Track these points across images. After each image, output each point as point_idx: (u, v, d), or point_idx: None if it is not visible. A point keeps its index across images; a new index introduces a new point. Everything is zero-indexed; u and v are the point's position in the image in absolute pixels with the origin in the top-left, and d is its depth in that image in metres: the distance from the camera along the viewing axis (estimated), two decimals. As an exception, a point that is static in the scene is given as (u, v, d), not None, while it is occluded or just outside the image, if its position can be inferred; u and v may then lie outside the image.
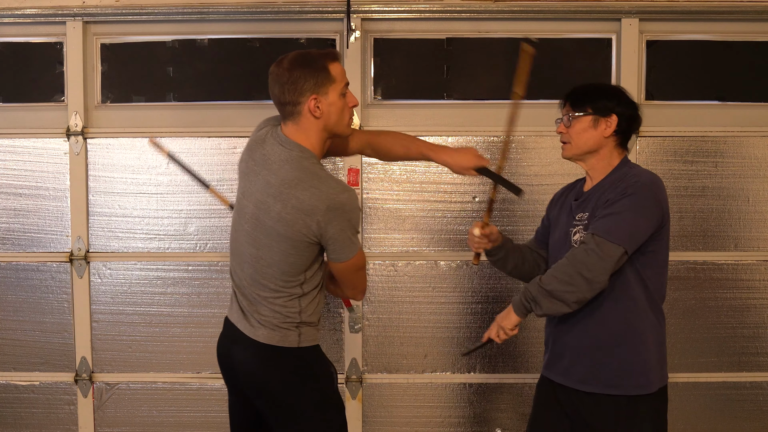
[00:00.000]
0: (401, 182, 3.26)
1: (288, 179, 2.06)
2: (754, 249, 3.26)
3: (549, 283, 2.11)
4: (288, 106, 2.10)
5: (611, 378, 2.17)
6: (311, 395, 2.17)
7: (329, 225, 2.03)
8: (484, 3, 3.18)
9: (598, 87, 2.36)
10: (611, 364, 2.17)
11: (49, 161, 3.28)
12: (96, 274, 3.29)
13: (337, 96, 2.10)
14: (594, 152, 2.28)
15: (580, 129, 2.26)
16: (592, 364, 2.20)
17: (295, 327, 2.15)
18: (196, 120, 3.28)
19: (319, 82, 2.07)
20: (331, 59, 2.11)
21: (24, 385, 3.33)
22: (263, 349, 2.15)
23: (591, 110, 2.25)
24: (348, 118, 2.16)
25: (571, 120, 2.27)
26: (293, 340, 2.15)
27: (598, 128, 2.26)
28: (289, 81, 2.07)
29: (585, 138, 2.26)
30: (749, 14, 3.19)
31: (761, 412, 3.29)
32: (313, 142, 2.12)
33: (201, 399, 3.30)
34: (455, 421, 3.30)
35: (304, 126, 2.11)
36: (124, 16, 3.21)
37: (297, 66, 2.08)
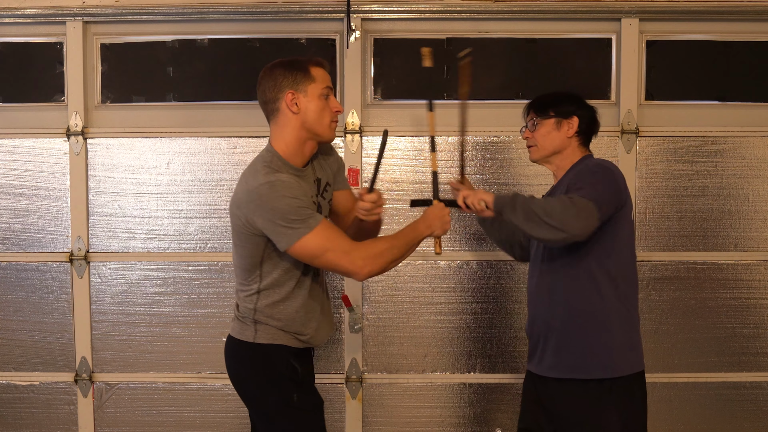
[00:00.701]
0: (401, 182, 3.26)
1: (241, 178, 2.21)
2: (754, 249, 3.26)
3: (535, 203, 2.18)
4: (269, 104, 2.20)
5: (575, 361, 2.27)
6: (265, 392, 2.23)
7: (255, 216, 2.11)
8: (484, 3, 3.18)
9: (558, 94, 2.51)
10: (574, 348, 2.27)
11: (49, 161, 3.28)
12: (96, 274, 3.29)
13: (317, 95, 2.19)
14: (558, 153, 2.44)
15: (545, 132, 2.44)
16: (557, 350, 2.30)
17: (252, 322, 2.24)
18: (196, 120, 3.28)
19: (297, 79, 2.17)
20: (315, 64, 2.22)
21: (24, 385, 3.33)
22: (229, 339, 2.32)
23: (553, 113, 2.43)
24: (329, 121, 2.22)
25: (536, 125, 2.44)
26: (249, 335, 2.24)
27: (561, 130, 2.43)
28: (269, 79, 2.20)
29: (549, 140, 2.44)
30: (749, 14, 3.19)
31: (761, 412, 3.29)
32: (288, 139, 2.20)
33: (201, 399, 3.30)
34: (455, 421, 3.30)
35: (281, 122, 2.20)
36: (124, 16, 3.21)
37: (279, 66, 2.21)
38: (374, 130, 3.25)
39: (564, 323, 2.30)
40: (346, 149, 3.23)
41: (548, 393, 2.35)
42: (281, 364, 2.23)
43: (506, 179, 3.24)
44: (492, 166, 3.25)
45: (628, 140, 3.21)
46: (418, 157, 3.26)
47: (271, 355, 2.22)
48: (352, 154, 3.22)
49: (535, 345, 2.42)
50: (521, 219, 2.17)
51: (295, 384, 2.24)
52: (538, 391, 2.40)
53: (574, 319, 2.28)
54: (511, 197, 2.21)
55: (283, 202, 2.07)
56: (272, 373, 2.22)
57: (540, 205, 2.16)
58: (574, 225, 2.12)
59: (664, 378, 3.27)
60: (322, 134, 2.22)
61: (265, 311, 2.22)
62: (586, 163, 2.40)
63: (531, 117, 2.48)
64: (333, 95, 2.25)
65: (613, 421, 2.24)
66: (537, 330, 2.39)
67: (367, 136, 3.25)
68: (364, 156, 3.24)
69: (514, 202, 2.19)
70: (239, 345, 2.27)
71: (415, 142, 3.26)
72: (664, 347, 3.26)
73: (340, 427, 3.30)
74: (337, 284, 3.27)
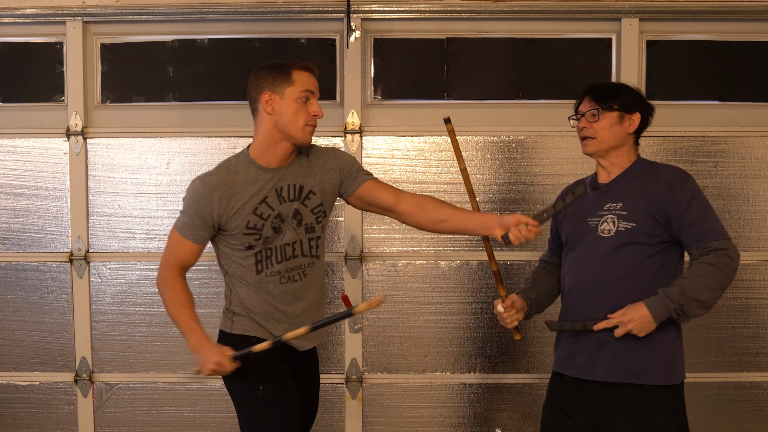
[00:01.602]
0: (401, 182, 3.26)
1: None
2: (754, 249, 3.26)
3: (702, 293, 2.13)
4: (251, 104, 2.28)
5: (636, 368, 2.19)
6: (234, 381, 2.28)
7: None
8: (484, 3, 3.18)
9: (621, 85, 2.41)
10: (639, 354, 2.19)
11: (49, 161, 3.28)
12: (96, 274, 3.29)
13: (294, 99, 2.21)
14: (617, 148, 2.31)
15: (607, 124, 2.30)
16: (619, 355, 2.20)
17: (230, 314, 2.35)
18: (196, 120, 3.28)
19: (276, 81, 2.21)
20: (300, 68, 2.24)
21: (24, 385, 3.33)
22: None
23: (617, 106, 2.29)
24: (303, 124, 2.23)
25: (599, 115, 2.29)
26: (227, 326, 2.35)
27: (623, 124, 2.31)
28: (253, 79, 2.26)
29: (611, 133, 2.30)
30: (749, 14, 3.19)
31: (761, 412, 3.29)
32: (261, 138, 2.27)
33: (201, 399, 3.31)
34: (455, 421, 3.30)
35: (258, 122, 2.27)
36: (124, 16, 3.21)
37: (263, 68, 2.26)
38: (374, 130, 3.25)
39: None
40: (346, 149, 3.23)
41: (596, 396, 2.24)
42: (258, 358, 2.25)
43: (506, 179, 3.24)
44: (492, 166, 3.25)
45: (628, 140, 3.21)
46: (418, 157, 3.26)
47: (241, 345, 2.25)
48: (352, 153, 3.22)
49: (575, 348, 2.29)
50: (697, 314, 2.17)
51: (262, 376, 2.26)
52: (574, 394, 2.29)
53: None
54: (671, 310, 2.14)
55: (186, 199, 2.25)
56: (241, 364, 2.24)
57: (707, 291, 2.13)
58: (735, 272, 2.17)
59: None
60: (294, 136, 2.23)
61: (237, 302, 2.32)
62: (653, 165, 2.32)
63: (592, 106, 2.31)
64: (315, 100, 2.25)
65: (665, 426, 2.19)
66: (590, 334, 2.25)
67: (367, 136, 3.25)
68: (364, 156, 3.24)
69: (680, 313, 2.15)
70: (220, 335, 2.37)
71: (415, 142, 3.26)
72: (664, 347, 3.26)
73: (340, 427, 3.30)
74: (337, 284, 3.27)
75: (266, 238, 2.24)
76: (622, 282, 2.22)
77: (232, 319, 2.33)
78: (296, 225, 2.28)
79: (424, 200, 2.37)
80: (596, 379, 2.23)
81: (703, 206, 2.21)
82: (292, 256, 2.28)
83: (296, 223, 2.28)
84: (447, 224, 2.32)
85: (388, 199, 2.36)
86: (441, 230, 2.37)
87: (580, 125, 2.34)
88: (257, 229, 2.23)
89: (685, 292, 2.12)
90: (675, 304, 2.13)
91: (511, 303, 2.34)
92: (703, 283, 2.13)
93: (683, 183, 2.22)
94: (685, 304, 2.13)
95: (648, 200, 2.22)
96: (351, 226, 3.23)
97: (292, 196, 2.28)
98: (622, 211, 2.24)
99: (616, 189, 2.30)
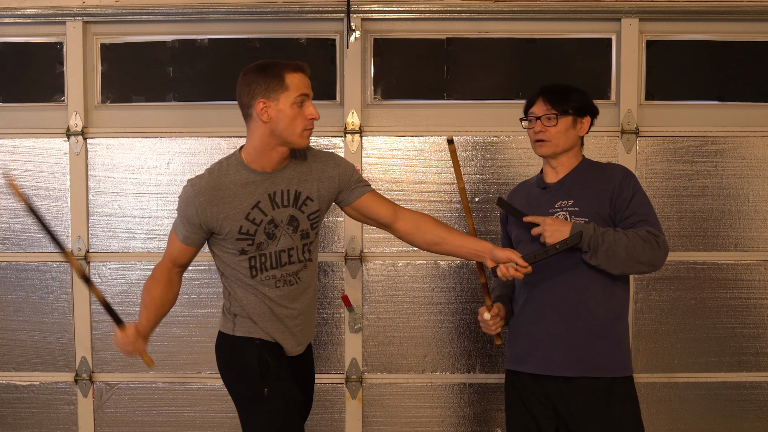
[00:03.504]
0: (401, 182, 3.26)
1: None
2: (754, 249, 3.26)
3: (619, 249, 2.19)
4: (243, 109, 2.22)
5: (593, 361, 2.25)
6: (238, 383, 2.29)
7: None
8: (484, 3, 3.18)
9: (572, 88, 2.43)
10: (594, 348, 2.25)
11: (49, 161, 3.28)
12: (96, 274, 3.29)
13: (289, 104, 2.16)
14: (568, 150, 2.39)
15: (563, 128, 2.36)
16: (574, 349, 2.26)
17: (231, 315, 2.32)
18: (196, 120, 3.28)
19: (270, 87, 2.15)
20: (292, 69, 2.18)
21: (24, 385, 3.33)
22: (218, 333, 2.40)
23: (572, 111, 2.36)
24: (301, 129, 2.19)
25: (558, 119, 2.35)
26: (229, 327, 2.33)
27: (576, 128, 2.38)
28: (244, 83, 2.19)
29: (566, 137, 2.37)
30: (749, 14, 3.19)
31: (761, 412, 3.29)
32: (255, 144, 2.21)
33: (201, 399, 3.31)
34: (455, 421, 3.30)
35: (252, 128, 2.21)
36: (124, 16, 3.21)
37: (254, 71, 2.19)
38: (374, 130, 3.25)
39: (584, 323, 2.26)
40: (346, 149, 3.23)
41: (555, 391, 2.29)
42: (253, 357, 2.26)
43: (506, 179, 3.24)
44: (492, 166, 3.25)
45: (628, 140, 3.21)
46: (418, 157, 3.26)
47: (244, 347, 2.26)
48: (352, 154, 3.22)
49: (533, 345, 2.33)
50: (603, 262, 2.20)
51: (265, 378, 2.25)
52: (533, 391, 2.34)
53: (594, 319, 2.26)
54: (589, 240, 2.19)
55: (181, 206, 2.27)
56: (245, 365, 2.27)
57: (625, 250, 2.18)
58: (657, 265, 2.24)
59: (664, 378, 3.27)
60: (293, 142, 2.20)
61: (236, 304, 2.31)
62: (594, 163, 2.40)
63: (547, 110, 2.35)
64: (310, 102, 2.20)
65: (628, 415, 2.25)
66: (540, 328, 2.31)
67: (367, 136, 3.25)
68: (364, 156, 3.24)
69: (595, 248, 2.19)
70: (221, 337, 2.36)
71: (415, 142, 3.26)
72: (664, 347, 3.26)
73: (340, 427, 3.30)
74: (337, 284, 3.27)
75: (259, 243, 2.23)
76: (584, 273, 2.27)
77: (234, 321, 2.32)
78: (292, 231, 2.25)
79: (422, 220, 2.37)
80: (554, 374, 2.28)
81: (644, 202, 2.30)
82: (288, 263, 2.27)
83: (292, 230, 2.25)
84: (441, 247, 2.35)
85: (386, 214, 2.36)
86: (435, 251, 2.40)
87: (536, 128, 2.38)
88: (250, 234, 2.22)
89: (609, 238, 2.19)
90: (593, 242, 2.19)
91: (497, 311, 2.40)
92: (626, 243, 2.19)
93: (628, 180, 2.32)
94: (602, 244, 2.19)
95: (597, 196, 2.30)
96: (351, 226, 3.23)
97: (286, 202, 2.25)
98: (573, 208, 2.30)
99: (566, 187, 2.36)
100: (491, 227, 3.24)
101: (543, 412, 2.32)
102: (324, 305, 3.27)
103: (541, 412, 2.33)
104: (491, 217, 3.25)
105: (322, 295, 3.26)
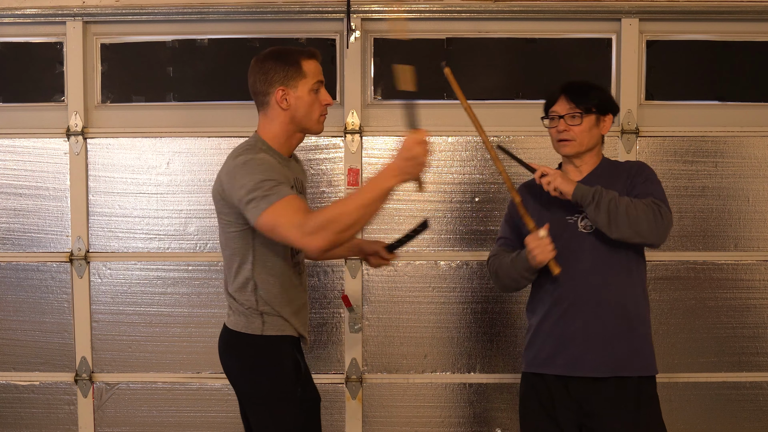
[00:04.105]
0: (401, 182, 3.25)
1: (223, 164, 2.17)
2: (754, 249, 3.26)
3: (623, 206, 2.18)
4: (259, 96, 2.22)
5: (623, 361, 2.23)
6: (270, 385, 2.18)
7: (232, 194, 2.07)
8: (484, 3, 3.18)
9: (595, 86, 2.40)
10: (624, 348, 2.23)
11: (49, 161, 3.28)
12: (96, 274, 3.29)
13: (307, 91, 2.19)
14: (591, 149, 2.36)
15: (587, 127, 2.33)
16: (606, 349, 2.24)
17: (258, 314, 2.17)
18: (196, 120, 3.28)
19: (288, 75, 2.17)
20: (307, 56, 2.20)
21: (24, 385, 3.33)
22: (229, 333, 2.23)
23: (595, 109, 2.32)
24: (318, 115, 2.23)
25: (582, 118, 2.31)
26: (256, 327, 2.17)
27: (599, 126, 2.34)
28: (260, 71, 2.19)
29: (590, 136, 2.34)
30: (749, 14, 3.19)
31: (761, 412, 3.29)
32: (276, 131, 2.21)
33: (201, 399, 3.31)
34: (455, 421, 3.30)
35: (271, 116, 2.21)
36: (124, 16, 3.21)
37: (270, 58, 2.19)
38: (374, 130, 3.25)
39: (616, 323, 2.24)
40: (346, 149, 3.23)
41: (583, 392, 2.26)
42: (288, 357, 2.20)
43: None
44: (492, 166, 3.25)
45: (628, 140, 3.21)
46: (418, 157, 3.25)
47: (279, 346, 2.19)
48: (352, 154, 3.22)
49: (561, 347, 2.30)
50: (603, 218, 2.18)
51: (298, 378, 2.21)
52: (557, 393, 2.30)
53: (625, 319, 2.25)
54: (594, 192, 2.20)
55: (251, 179, 2.01)
56: (277, 366, 2.18)
57: (626, 208, 2.17)
58: (659, 236, 2.21)
59: (664, 378, 3.26)
60: (311, 128, 2.24)
61: (263, 301, 2.17)
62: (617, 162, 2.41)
63: (571, 108, 2.31)
64: (324, 88, 2.24)
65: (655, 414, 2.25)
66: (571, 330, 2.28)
67: (367, 136, 3.24)
68: (364, 156, 3.24)
69: (599, 200, 2.18)
70: (243, 338, 2.19)
71: (415, 142, 3.25)
72: (664, 347, 3.26)
73: (340, 427, 3.30)
74: (337, 284, 3.27)
75: None
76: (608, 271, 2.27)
77: (262, 320, 2.18)
78: None
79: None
80: (587, 375, 2.25)
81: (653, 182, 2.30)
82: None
83: None
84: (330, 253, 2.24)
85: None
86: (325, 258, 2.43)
87: (559, 127, 2.34)
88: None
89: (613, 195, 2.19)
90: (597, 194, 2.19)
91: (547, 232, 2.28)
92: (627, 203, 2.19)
93: (642, 170, 2.33)
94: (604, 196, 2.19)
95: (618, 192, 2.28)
96: (351, 226, 3.23)
97: (300, 190, 2.29)
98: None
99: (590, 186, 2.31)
100: (491, 227, 3.24)
101: (566, 415, 2.29)
102: (324, 305, 3.27)
103: (564, 415, 2.29)
104: (491, 217, 3.25)
105: (322, 295, 3.26)
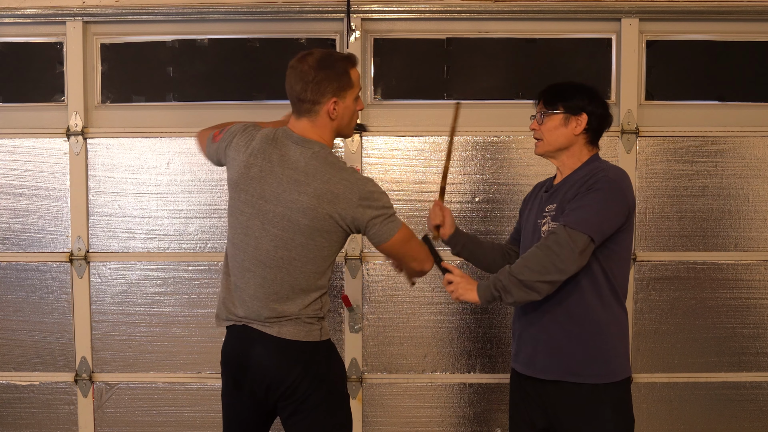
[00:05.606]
0: (401, 182, 3.26)
1: (319, 175, 2.12)
2: (754, 249, 3.26)
3: (521, 272, 2.13)
4: (306, 104, 2.16)
5: (574, 366, 2.23)
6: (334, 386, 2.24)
7: (365, 213, 2.12)
8: (484, 3, 3.18)
9: (571, 85, 2.38)
10: (575, 353, 2.23)
11: (49, 161, 3.28)
12: (96, 274, 3.29)
13: (353, 100, 2.21)
14: (565, 149, 2.34)
15: (552, 127, 2.32)
16: (555, 353, 2.25)
17: (317, 321, 2.21)
18: (196, 120, 3.27)
19: (341, 86, 2.16)
20: (352, 64, 2.21)
21: (24, 385, 3.33)
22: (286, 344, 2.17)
23: (562, 108, 2.31)
24: (353, 122, 2.26)
25: (543, 117, 2.33)
26: (316, 335, 2.20)
27: (569, 126, 2.31)
28: (314, 81, 2.13)
29: (556, 135, 2.32)
30: (749, 14, 3.19)
31: (761, 412, 3.29)
32: (327, 139, 2.21)
33: (201, 399, 3.31)
34: (455, 421, 3.30)
35: (320, 124, 2.18)
36: (124, 16, 3.21)
37: (323, 67, 2.14)
38: (374, 130, 3.25)
39: (565, 328, 2.23)
40: (346, 149, 3.23)
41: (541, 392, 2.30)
42: (339, 357, 2.30)
43: (506, 179, 3.24)
44: (492, 166, 3.25)
45: (628, 140, 3.21)
46: (418, 157, 3.26)
47: (332, 348, 2.27)
48: (352, 153, 3.22)
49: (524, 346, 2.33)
50: (522, 295, 2.13)
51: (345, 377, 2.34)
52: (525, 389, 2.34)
53: (577, 325, 2.23)
54: (494, 284, 2.16)
55: (385, 198, 2.17)
56: (339, 366, 2.28)
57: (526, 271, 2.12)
58: (571, 266, 2.11)
59: (664, 378, 3.27)
60: (347, 134, 2.28)
61: (323, 309, 2.23)
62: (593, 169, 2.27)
63: (540, 108, 2.35)
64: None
65: (608, 423, 2.22)
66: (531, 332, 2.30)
67: (367, 136, 3.25)
68: (364, 156, 3.24)
69: (502, 287, 2.15)
70: (307, 346, 2.19)
71: (415, 142, 3.26)
72: (664, 347, 3.26)
73: (340, 427, 3.30)
74: (337, 284, 3.27)
75: None
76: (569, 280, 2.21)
77: (321, 326, 2.22)
78: None
79: None
80: (537, 376, 2.28)
81: (594, 200, 2.17)
82: None
83: None
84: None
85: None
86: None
87: (531, 127, 2.39)
88: None
89: (510, 273, 2.15)
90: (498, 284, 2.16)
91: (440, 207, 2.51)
92: (524, 263, 2.15)
93: (594, 180, 2.21)
94: (508, 284, 2.14)
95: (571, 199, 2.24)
96: (351, 226, 3.23)
97: None
98: (552, 212, 2.28)
99: (557, 192, 2.32)
100: (491, 227, 3.24)
101: (536, 411, 2.33)
102: (324, 305, 3.27)
103: (534, 411, 2.33)
104: (491, 217, 3.25)
105: (322, 295, 3.27)
